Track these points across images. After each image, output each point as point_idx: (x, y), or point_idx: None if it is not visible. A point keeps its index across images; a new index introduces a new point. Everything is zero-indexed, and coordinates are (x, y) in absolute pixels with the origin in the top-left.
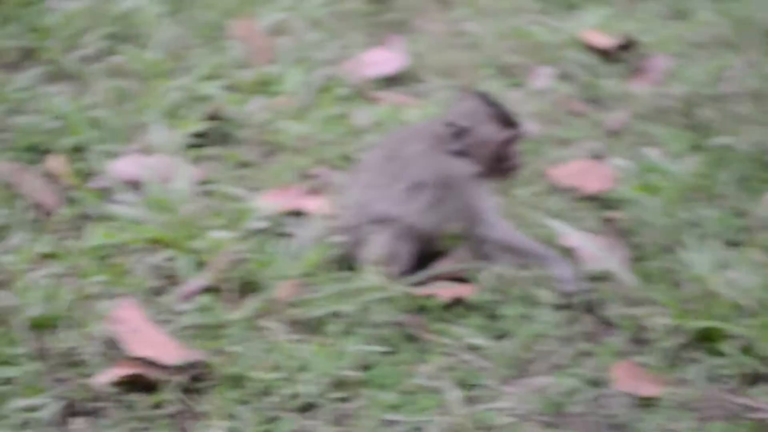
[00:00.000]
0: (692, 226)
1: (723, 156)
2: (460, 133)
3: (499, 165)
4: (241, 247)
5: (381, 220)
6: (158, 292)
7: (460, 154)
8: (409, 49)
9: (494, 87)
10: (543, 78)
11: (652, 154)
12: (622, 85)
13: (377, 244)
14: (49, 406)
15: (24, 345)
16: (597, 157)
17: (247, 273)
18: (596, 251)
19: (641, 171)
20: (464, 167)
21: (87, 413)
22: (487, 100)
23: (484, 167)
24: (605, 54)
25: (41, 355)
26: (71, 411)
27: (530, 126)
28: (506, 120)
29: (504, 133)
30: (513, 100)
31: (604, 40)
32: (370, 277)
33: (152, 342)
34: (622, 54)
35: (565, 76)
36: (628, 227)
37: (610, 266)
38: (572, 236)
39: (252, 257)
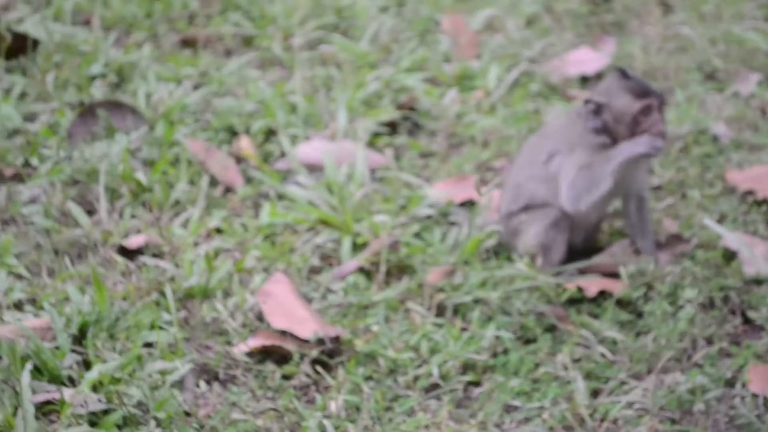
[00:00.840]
0: None
1: None
2: (597, 109)
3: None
4: (401, 232)
5: (534, 205)
6: (317, 270)
7: (601, 130)
8: (619, 50)
9: (697, 90)
10: (748, 83)
11: None
12: None
13: (531, 234)
14: (184, 371)
15: (173, 313)
16: None
17: (402, 257)
18: (753, 255)
19: None
20: (596, 138)
21: (220, 380)
22: (622, 75)
23: (626, 140)
24: None
25: (187, 323)
26: (206, 377)
27: (720, 129)
28: (640, 91)
29: (638, 104)
30: (713, 104)
31: None
32: (519, 266)
33: (293, 316)
34: None
35: None
36: None
37: (763, 270)
38: (732, 238)
39: (410, 242)
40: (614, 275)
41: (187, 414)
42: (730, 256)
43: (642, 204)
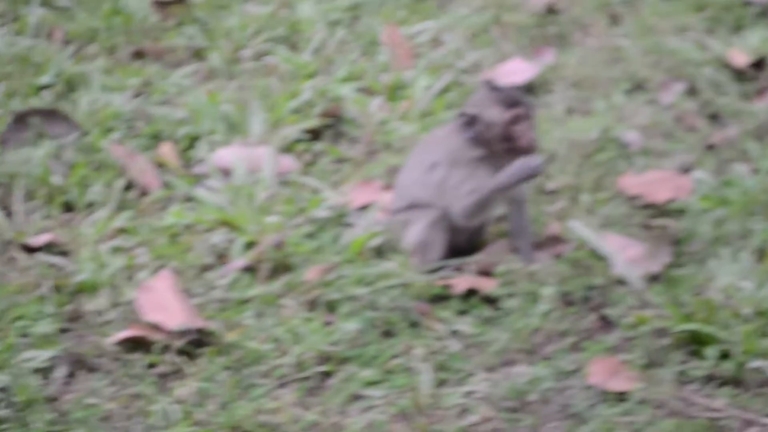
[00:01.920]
0: (739, 239)
1: None
2: (470, 121)
3: (511, 145)
4: (292, 233)
5: (417, 205)
6: (207, 268)
7: (474, 141)
8: (555, 61)
9: (619, 99)
10: (671, 93)
11: (740, 169)
12: (743, 103)
13: (412, 232)
14: (45, 357)
15: (55, 305)
16: (684, 169)
17: (285, 256)
18: (616, 256)
19: (719, 185)
20: (466, 151)
21: (89, 368)
22: (491, 86)
23: (499, 150)
24: (740, 72)
25: (68, 315)
26: (77, 366)
27: (631, 136)
28: (508, 101)
29: (507, 114)
30: (633, 111)
31: (743, 58)
32: (391, 264)
33: (165, 309)
34: (756, 72)
35: (693, 92)
36: (680, 236)
37: (624, 270)
38: (595, 240)
39: (300, 242)
40: (490, 274)
41: (50, 399)
42: (601, 257)
43: (521, 207)
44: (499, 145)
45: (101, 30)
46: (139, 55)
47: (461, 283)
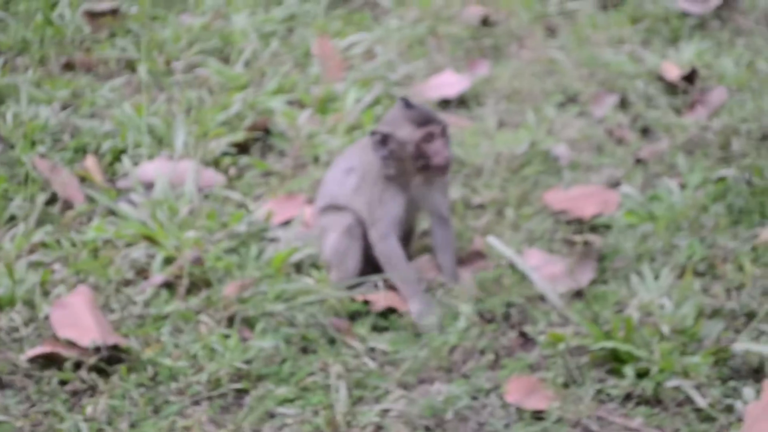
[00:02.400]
0: (664, 255)
1: (733, 189)
2: (383, 139)
3: (425, 163)
4: (212, 248)
5: (334, 206)
6: (127, 283)
7: (387, 159)
8: (489, 73)
9: (550, 113)
10: (604, 106)
11: (668, 184)
12: (674, 116)
13: (329, 241)
14: None
15: None
16: (612, 184)
17: (204, 271)
18: (532, 273)
19: (646, 200)
20: (376, 168)
21: (3, 385)
22: (405, 104)
23: (413, 168)
24: (673, 85)
25: None
26: None
27: (561, 150)
28: (421, 119)
29: (419, 132)
30: (564, 124)
31: (675, 71)
32: (309, 280)
33: (79, 325)
34: (688, 85)
35: (625, 105)
36: (604, 252)
37: (543, 287)
38: (533, 255)
39: (221, 257)
40: None
41: None
42: (523, 274)
43: (442, 222)
44: (413, 163)
45: (33, 41)
46: (69, 66)
47: (380, 300)
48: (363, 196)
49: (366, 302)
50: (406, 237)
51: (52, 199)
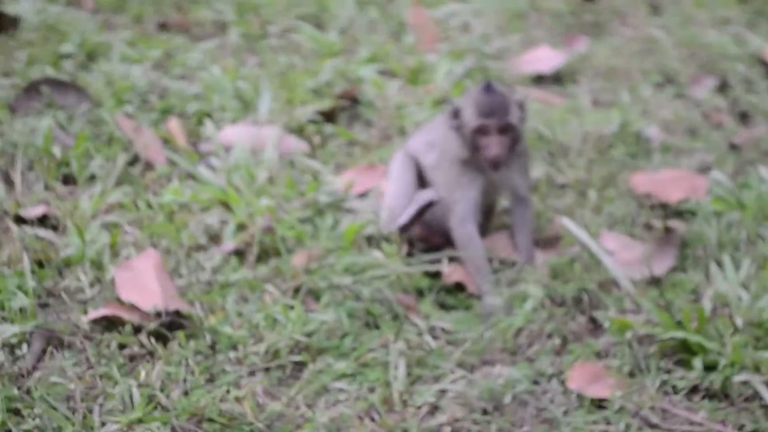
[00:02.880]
0: (747, 245)
1: None
2: (454, 113)
3: (476, 152)
4: (286, 216)
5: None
6: (200, 249)
7: (455, 134)
8: (588, 51)
9: (650, 93)
10: (702, 88)
11: (761, 172)
12: None
13: (405, 215)
14: (30, 336)
15: (37, 279)
16: (703, 169)
17: (275, 240)
18: (608, 258)
19: (736, 187)
20: (455, 148)
21: (63, 346)
22: (486, 88)
23: (470, 152)
24: None
25: (48, 290)
26: (51, 343)
27: (653, 132)
28: (484, 110)
29: (476, 121)
30: (659, 105)
31: None
32: (378, 254)
33: (144, 289)
34: None
35: (725, 89)
36: (687, 239)
37: (616, 272)
38: (612, 239)
39: (290, 226)
40: None
41: (17, 375)
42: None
43: (521, 202)
44: (469, 147)
45: (132, 0)
46: (164, 27)
47: (453, 273)
48: (441, 175)
49: (435, 276)
50: (486, 215)
51: (134, 160)
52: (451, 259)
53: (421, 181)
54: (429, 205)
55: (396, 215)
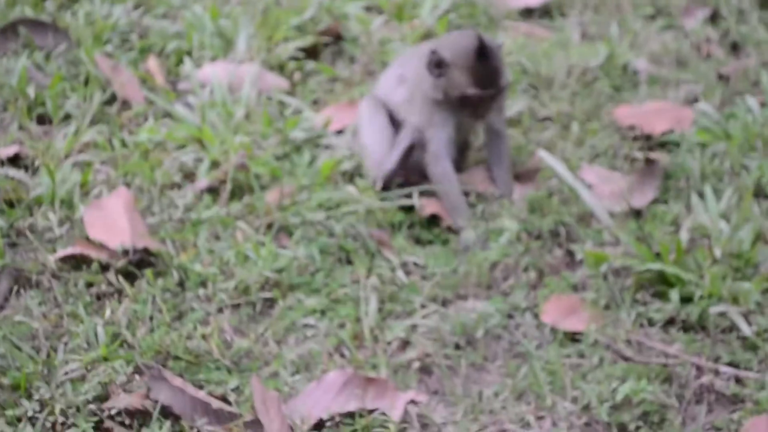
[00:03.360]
0: (731, 175)
1: None
2: (439, 64)
3: (464, 109)
4: (261, 153)
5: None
6: (175, 187)
7: (437, 83)
8: None
9: (640, 25)
10: (694, 19)
11: (749, 102)
12: (766, 33)
13: (389, 162)
14: None
15: (6, 218)
16: (690, 101)
17: (249, 177)
18: (582, 188)
19: (722, 118)
20: (428, 88)
21: (32, 285)
22: (480, 51)
23: (453, 102)
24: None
25: (18, 230)
26: (19, 282)
27: (641, 64)
28: (480, 79)
29: (472, 90)
30: (649, 38)
31: None
32: (352, 189)
33: (113, 227)
34: None
35: (717, 19)
36: (670, 170)
37: (592, 204)
38: (593, 172)
39: (264, 162)
40: None
41: None
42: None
43: (497, 136)
44: (456, 100)
45: None
46: None
47: (428, 206)
48: (414, 111)
49: (410, 211)
50: (461, 150)
51: (112, 100)
52: (427, 193)
53: (392, 121)
54: (411, 149)
55: (380, 163)
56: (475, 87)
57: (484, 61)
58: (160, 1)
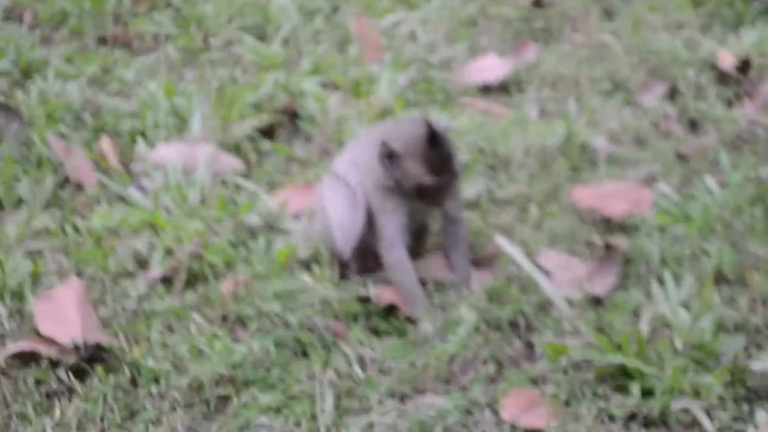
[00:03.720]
0: (691, 260)
1: None
2: (390, 155)
3: (419, 197)
4: (216, 240)
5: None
6: (128, 275)
7: (389, 172)
8: (537, 58)
9: (598, 101)
10: (652, 95)
11: (708, 182)
12: (723, 109)
13: (332, 210)
14: None
15: None
16: (649, 180)
17: (204, 265)
18: (540, 276)
19: (682, 199)
20: (378, 175)
21: None
22: (432, 140)
23: (406, 190)
24: (726, 75)
25: None
26: None
27: (600, 142)
28: (434, 167)
29: (426, 179)
30: (607, 114)
31: (730, 60)
32: (308, 278)
33: (64, 321)
34: (742, 76)
35: (675, 95)
36: (630, 255)
37: (550, 293)
38: (551, 257)
39: (220, 249)
40: None
41: None
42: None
43: (453, 222)
44: (410, 189)
45: (72, 14)
46: (104, 41)
47: (385, 294)
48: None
49: (366, 301)
50: (419, 234)
51: (65, 182)
52: (385, 281)
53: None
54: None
55: (348, 230)
56: (430, 175)
57: (436, 148)
58: (114, 77)
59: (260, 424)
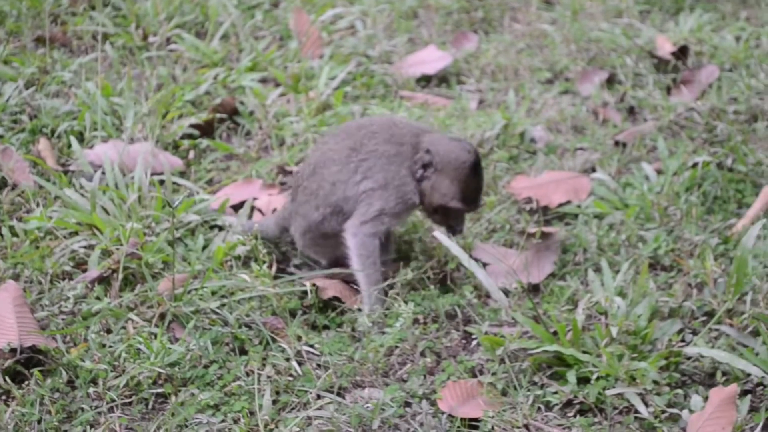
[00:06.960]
0: (628, 247)
1: (711, 175)
2: (427, 165)
3: (438, 213)
4: (154, 239)
5: (337, 212)
6: (66, 276)
7: (419, 180)
8: (475, 48)
9: (537, 91)
10: (591, 84)
11: (646, 169)
12: (661, 96)
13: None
14: None
15: None
16: (587, 169)
17: (141, 265)
18: (477, 268)
19: (619, 187)
20: (410, 193)
21: None
22: (474, 167)
23: (426, 202)
24: (665, 62)
25: None
26: None
27: (538, 132)
28: (470, 197)
29: (456, 204)
30: (546, 104)
31: (668, 47)
32: (246, 275)
33: (0, 325)
34: (679, 62)
35: (614, 83)
36: (567, 243)
37: (487, 284)
38: (488, 249)
39: (158, 249)
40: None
41: None
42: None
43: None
44: (429, 203)
45: (9, 14)
46: (41, 41)
47: (329, 287)
48: (375, 197)
49: (303, 295)
50: (387, 236)
51: (2, 184)
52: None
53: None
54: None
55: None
56: (459, 201)
57: (476, 179)
58: (52, 78)
59: (199, 422)
